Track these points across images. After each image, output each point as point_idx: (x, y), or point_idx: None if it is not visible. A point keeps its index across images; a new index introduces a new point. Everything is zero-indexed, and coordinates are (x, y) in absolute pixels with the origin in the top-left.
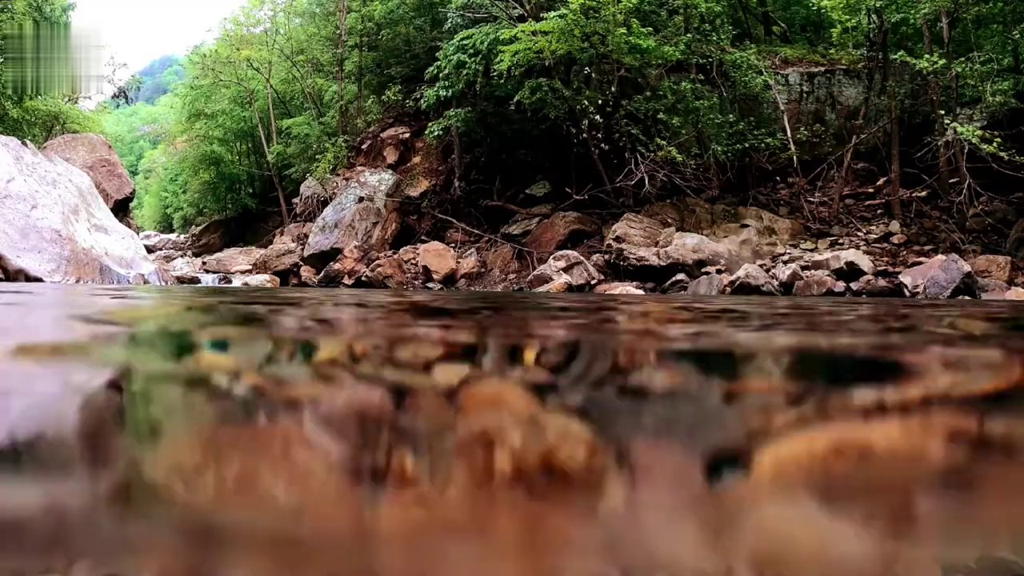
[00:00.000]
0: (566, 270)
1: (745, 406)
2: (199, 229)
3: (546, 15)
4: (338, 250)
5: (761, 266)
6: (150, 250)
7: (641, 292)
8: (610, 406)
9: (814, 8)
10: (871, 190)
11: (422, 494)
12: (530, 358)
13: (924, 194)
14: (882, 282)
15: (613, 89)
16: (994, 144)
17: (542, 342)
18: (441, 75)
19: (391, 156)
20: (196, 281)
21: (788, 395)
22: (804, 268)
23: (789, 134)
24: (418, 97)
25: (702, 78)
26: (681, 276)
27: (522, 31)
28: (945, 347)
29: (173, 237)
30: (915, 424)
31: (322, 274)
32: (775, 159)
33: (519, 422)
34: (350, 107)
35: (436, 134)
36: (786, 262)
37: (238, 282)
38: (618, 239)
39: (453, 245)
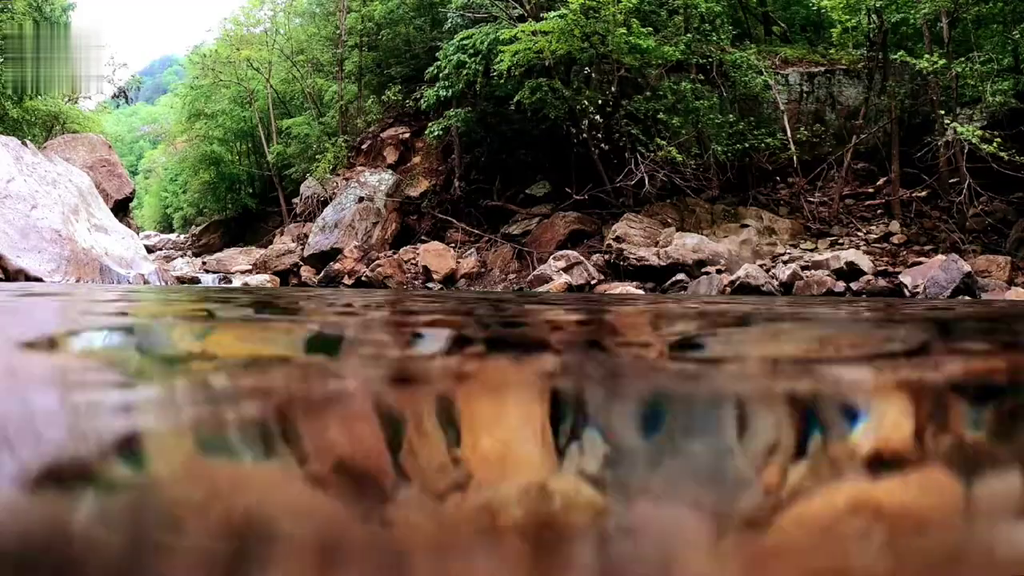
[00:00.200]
0: (566, 270)
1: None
2: (199, 229)
3: (546, 15)
4: (338, 250)
5: (761, 266)
6: (150, 250)
7: (641, 292)
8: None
9: (814, 8)
10: (871, 190)
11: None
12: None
13: (924, 194)
14: (882, 282)
15: (613, 89)
16: (994, 144)
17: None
18: (441, 75)
19: (391, 156)
20: (196, 281)
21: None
22: (804, 268)
23: (789, 134)
24: (418, 97)
25: (702, 78)
26: (681, 276)
27: (522, 31)
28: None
29: (173, 237)
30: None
31: (322, 274)
32: (775, 159)
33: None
34: (350, 107)
35: (436, 134)
36: (786, 262)
37: (238, 282)
38: (618, 239)
39: (453, 245)
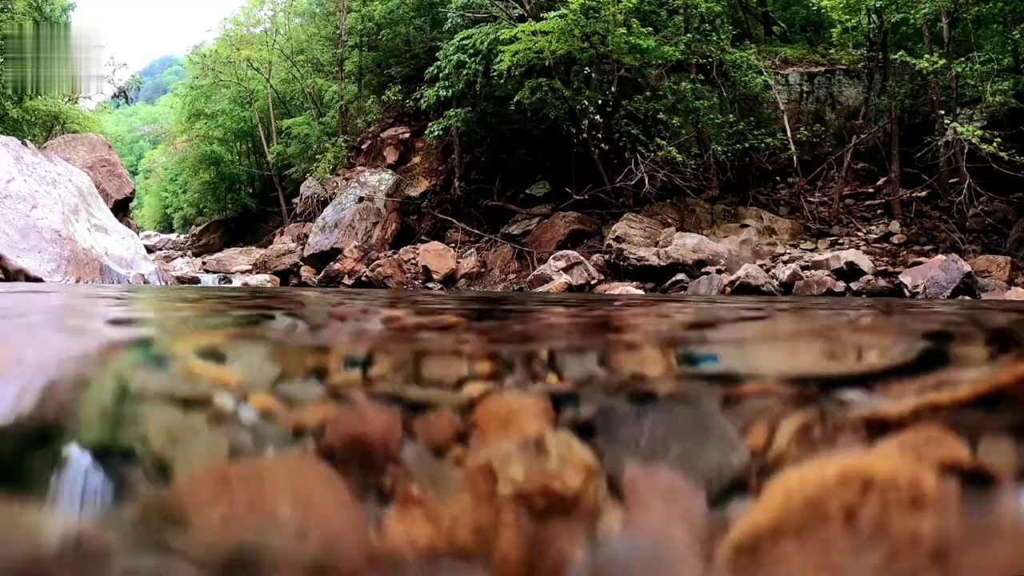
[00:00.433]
0: (566, 270)
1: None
2: (199, 229)
3: (546, 15)
4: (338, 250)
5: (761, 266)
6: (150, 250)
7: (641, 292)
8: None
9: (814, 8)
10: (871, 190)
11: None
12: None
13: (924, 194)
14: (882, 282)
15: (613, 89)
16: (994, 144)
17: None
18: (441, 75)
19: (391, 156)
20: (196, 281)
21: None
22: (804, 268)
23: (789, 134)
24: (418, 97)
25: (702, 78)
26: (681, 276)
27: (522, 31)
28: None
29: (173, 237)
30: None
31: (322, 274)
32: (775, 159)
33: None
34: (350, 107)
35: (436, 134)
36: (786, 262)
37: (238, 282)
38: (618, 239)
39: (453, 245)
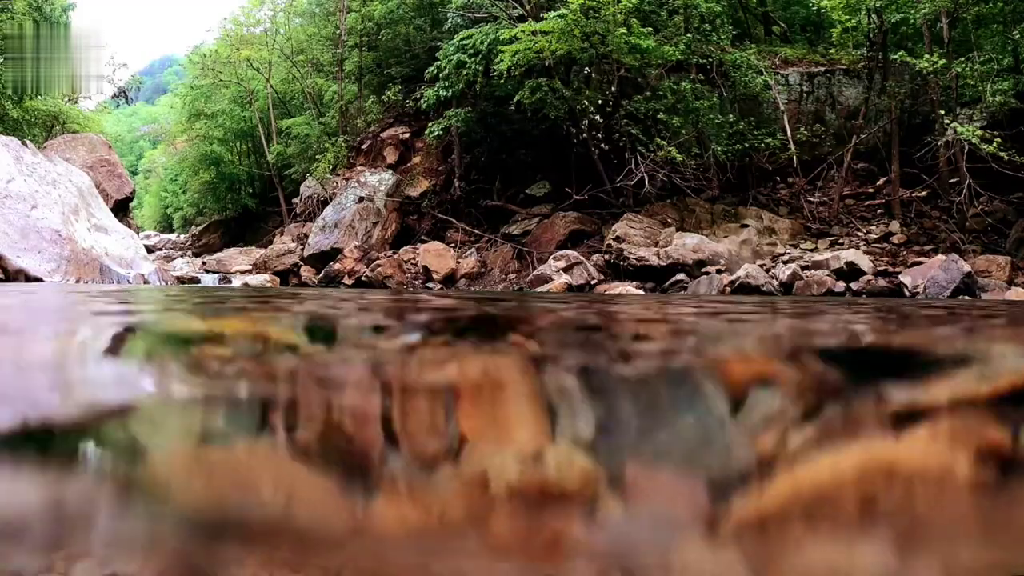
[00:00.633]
0: (566, 270)
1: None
2: (199, 229)
3: (546, 15)
4: (338, 250)
5: (761, 266)
6: (150, 250)
7: (641, 292)
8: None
9: (814, 8)
10: (871, 190)
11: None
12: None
13: (924, 194)
14: (882, 282)
15: (613, 89)
16: (994, 144)
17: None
18: (441, 75)
19: (391, 156)
20: (196, 281)
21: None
22: (804, 268)
23: (789, 134)
24: (418, 97)
25: (702, 78)
26: (681, 276)
27: (522, 31)
28: None
29: (173, 237)
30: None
31: (322, 274)
32: (775, 159)
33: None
34: (350, 107)
35: (436, 134)
36: (786, 262)
37: (238, 282)
38: (618, 239)
39: (453, 245)
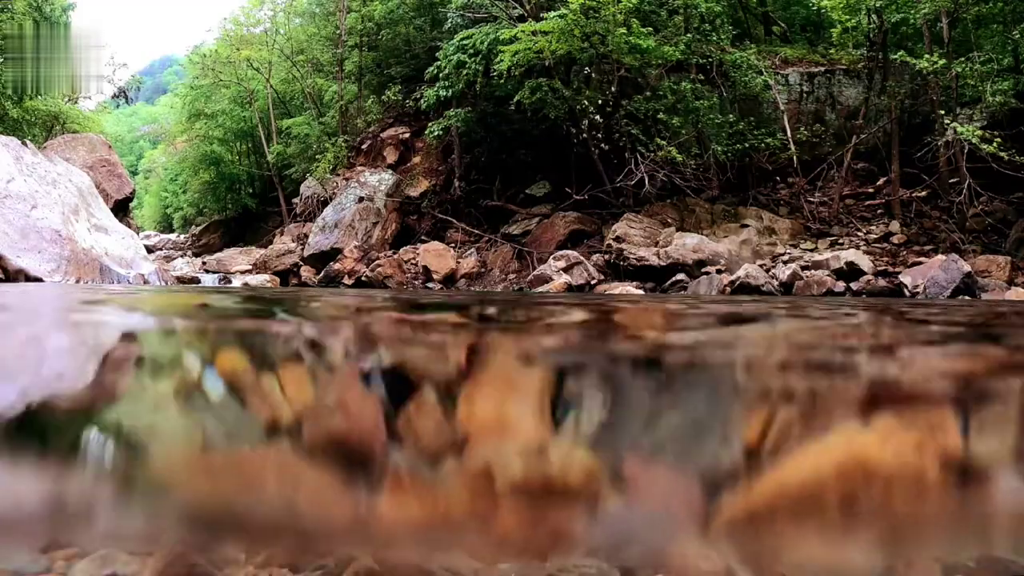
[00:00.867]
0: (566, 270)
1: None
2: (199, 229)
3: (546, 15)
4: (338, 250)
5: (761, 266)
6: (150, 250)
7: (641, 292)
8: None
9: (814, 8)
10: (871, 190)
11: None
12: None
13: (924, 194)
14: (882, 282)
15: (613, 89)
16: (994, 144)
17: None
18: (441, 75)
19: (391, 156)
20: (196, 281)
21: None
22: (804, 268)
23: (789, 134)
24: (418, 97)
25: (702, 78)
26: (681, 276)
27: (522, 31)
28: None
29: (173, 237)
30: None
31: (322, 274)
32: (775, 159)
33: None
34: (350, 107)
35: (436, 134)
36: (786, 262)
37: (238, 282)
38: (618, 239)
39: (453, 245)
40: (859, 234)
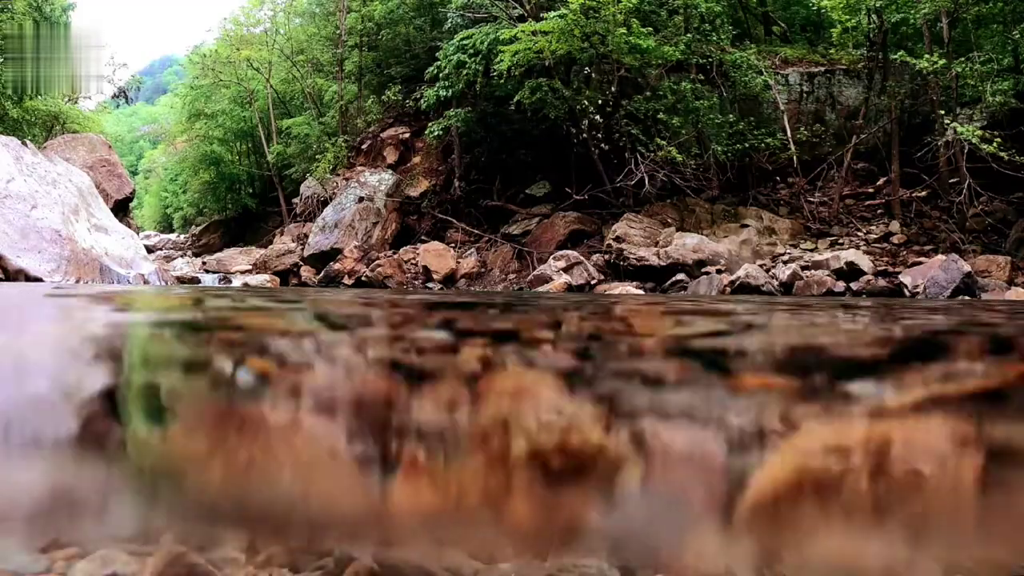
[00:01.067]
0: (566, 270)
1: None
2: (199, 229)
3: (546, 15)
4: (338, 250)
5: (761, 266)
6: (150, 250)
7: (641, 292)
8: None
9: (814, 8)
10: (871, 190)
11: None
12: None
13: (924, 194)
14: (882, 282)
15: (613, 89)
16: (994, 144)
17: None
18: (441, 75)
19: (391, 156)
20: (196, 281)
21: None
22: (804, 268)
23: (789, 134)
24: (418, 97)
25: (702, 78)
26: (681, 276)
27: (522, 31)
28: None
29: (173, 237)
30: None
31: (322, 274)
32: (775, 159)
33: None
34: (350, 107)
35: (436, 134)
36: (786, 262)
37: (238, 282)
38: (618, 239)
39: (453, 245)
40: (859, 234)
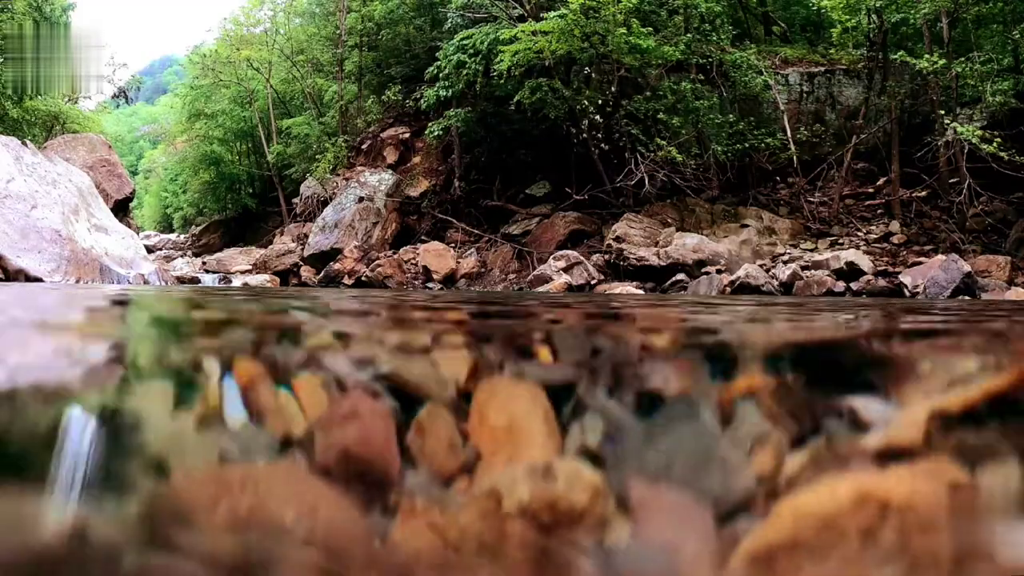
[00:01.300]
0: (566, 270)
1: None
2: (199, 229)
3: (546, 15)
4: (338, 250)
5: (761, 266)
6: (150, 250)
7: (641, 292)
8: None
9: (814, 8)
10: (871, 190)
11: None
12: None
13: (924, 194)
14: (882, 282)
15: (613, 89)
16: (994, 144)
17: None
18: (441, 75)
19: (391, 156)
20: (196, 281)
21: None
22: (804, 268)
23: (789, 134)
24: (418, 97)
25: (702, 78)
26: (681, 276)
27: (522, 31)
28: None
29: (173, 237)
30: None
31: (322, 274)
32: (775, 159)
33: None
34: (350, 107)
35: (436, 134)
36: (786, 262)
37: (238, 282)
38: (618, 239)
39: (453, 245)
40: (859, 234)
